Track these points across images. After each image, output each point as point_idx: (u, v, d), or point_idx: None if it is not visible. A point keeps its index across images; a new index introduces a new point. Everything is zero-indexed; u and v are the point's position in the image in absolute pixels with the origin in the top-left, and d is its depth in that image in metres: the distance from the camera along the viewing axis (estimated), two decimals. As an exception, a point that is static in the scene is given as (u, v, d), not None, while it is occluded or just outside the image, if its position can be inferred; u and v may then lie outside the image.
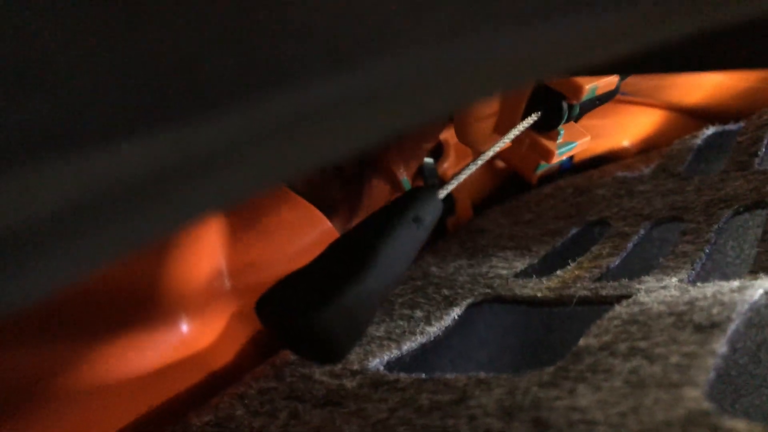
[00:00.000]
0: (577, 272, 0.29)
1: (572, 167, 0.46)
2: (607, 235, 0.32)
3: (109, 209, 0.10)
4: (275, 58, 0.11)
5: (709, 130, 0.39)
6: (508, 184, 0.48)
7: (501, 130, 0.28)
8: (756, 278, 0.23)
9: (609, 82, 0.26)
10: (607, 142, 0.46)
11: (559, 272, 0.29)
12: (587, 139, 0.28)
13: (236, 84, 0.10)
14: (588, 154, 0.47)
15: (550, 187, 0.40)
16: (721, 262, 0.40)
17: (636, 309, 0.22)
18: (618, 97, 0.31)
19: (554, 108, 0.26)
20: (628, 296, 0.24)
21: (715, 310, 0.20)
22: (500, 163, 0.46)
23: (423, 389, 0.21)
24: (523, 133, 0.27)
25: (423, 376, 0.22)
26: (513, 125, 0.27)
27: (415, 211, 0.22)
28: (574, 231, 0.34)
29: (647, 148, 0.46)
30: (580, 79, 0.26)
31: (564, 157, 0.27)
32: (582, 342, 0.21)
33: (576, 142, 0.27)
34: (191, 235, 0.29)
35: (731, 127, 0.39)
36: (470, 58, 0.13)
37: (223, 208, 0.12)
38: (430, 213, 0.22)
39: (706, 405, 0.16)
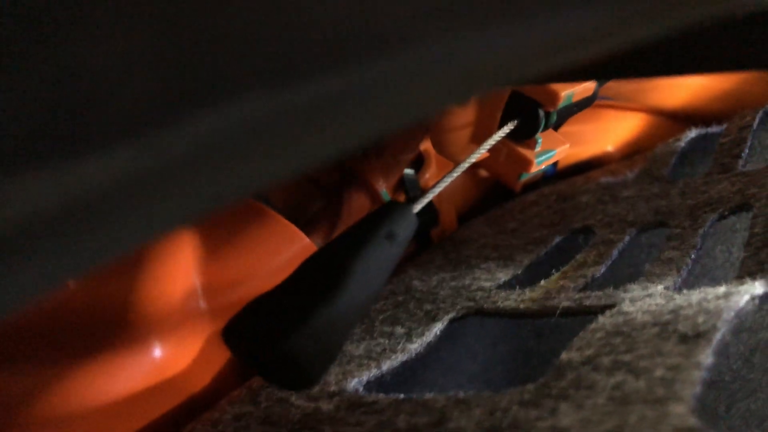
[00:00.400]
0: (561, 282, 0.28)
1: (556, 174, 0.46)
2: (591, 243, 0.31)
3: (74, 219, 0.10)
4: (245, 62, 0.10)
5: (692, 133, 0.38)
6: (492, 192, 0.47)
7: (477, 139, 0.27)
8: (742, 283, 0.22)
9: (586, 88, 0.26)
10: (590, 148, 0.46)
11: (542, 282, 0.29)
12: (566, 146, 0.27)
13: (203, 89, 0.10)
14: (572, 160, 0.47)
15: (533, 195, 0.39)
16: (710, 266, 0.39)
17: (620, 319, 0.21)
18: (599, 102, 0.30)
19: (530, 116, 0.26)
20: (612, 306, 0.24)
21: (700, 319, 0.19)
22: (484, 172, 0.46)
23: (401, 411, 0.20)
24: (501, 143, 0.26)
25: (401, 396, 0.22)
26: (489, 134, 0.26)
27: (388, 226, 0.21)
28: (558, 239, 0.33)
29: (631, 152, 0.46)
30: (556, 86, 0.25)
31: (543, 166, 0.27)
32: (564, 356, 0.20)
33: (555, 149, 0.27)
34: (164, 255, 0.28)
35: (714, 129, 0.39)
36: (434, 63, 0.13)
37: (191, 220, 0.12)
38: (404, 228, 0.21)
39: (692, 422, 0.16)
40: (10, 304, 0.10)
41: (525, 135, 0.26)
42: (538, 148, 0.26)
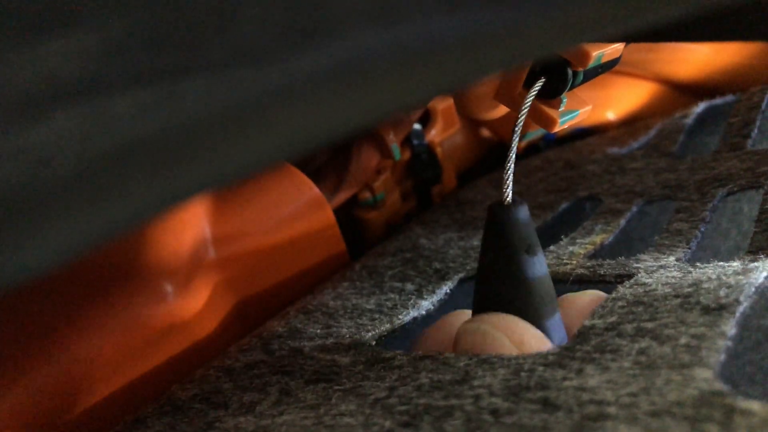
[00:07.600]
0: (570, 248, 0.28)
1: (555, 139, 0.46)
2: (599, 211, 0.31)
3: (129, 168, 0.09)
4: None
5: (699, 108, 0.39)
6: (491, 154, 0.47)
7: (502, 97, 0.27)
8: (756, 259, 0.23)
9: (615, 49, 0.25)
10: (592, 115, 0.46)
11: (552, 247, 0.29)
12: (589, 108, 0.27)
13: (271, 41, 0.09)
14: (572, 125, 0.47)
15: (538, 159, 0.39)
16: (711, 239, 0.40)
17: (640, 290, 0.22)
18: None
19: (558, 75, 0.25)
20: (627, 275, 0.24)
21: (722, 293, 0.20)
22: (485, 132, 0.46)
23: (422, 368, 0.20)
24: (523, 101, 0.26)
25: (419, 353, 0.22)
26: (514, 92, 0.26)
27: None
28: (564, 205, 0.33)
29: (631, 120, 0.46)
30: (587, 46, 0.25)
31: (566, 126, 0.26)
32: (587, 323, 0.20)
33: (578, 110, 0.26)
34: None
35: (719, 101, 0.39)
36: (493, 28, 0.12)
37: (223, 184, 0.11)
38: None
39: (719, 385, 0.16)
40: (58, 258, 0.10)
41: (550, 94, 0.26)
42: (562, 108, 0.26)
